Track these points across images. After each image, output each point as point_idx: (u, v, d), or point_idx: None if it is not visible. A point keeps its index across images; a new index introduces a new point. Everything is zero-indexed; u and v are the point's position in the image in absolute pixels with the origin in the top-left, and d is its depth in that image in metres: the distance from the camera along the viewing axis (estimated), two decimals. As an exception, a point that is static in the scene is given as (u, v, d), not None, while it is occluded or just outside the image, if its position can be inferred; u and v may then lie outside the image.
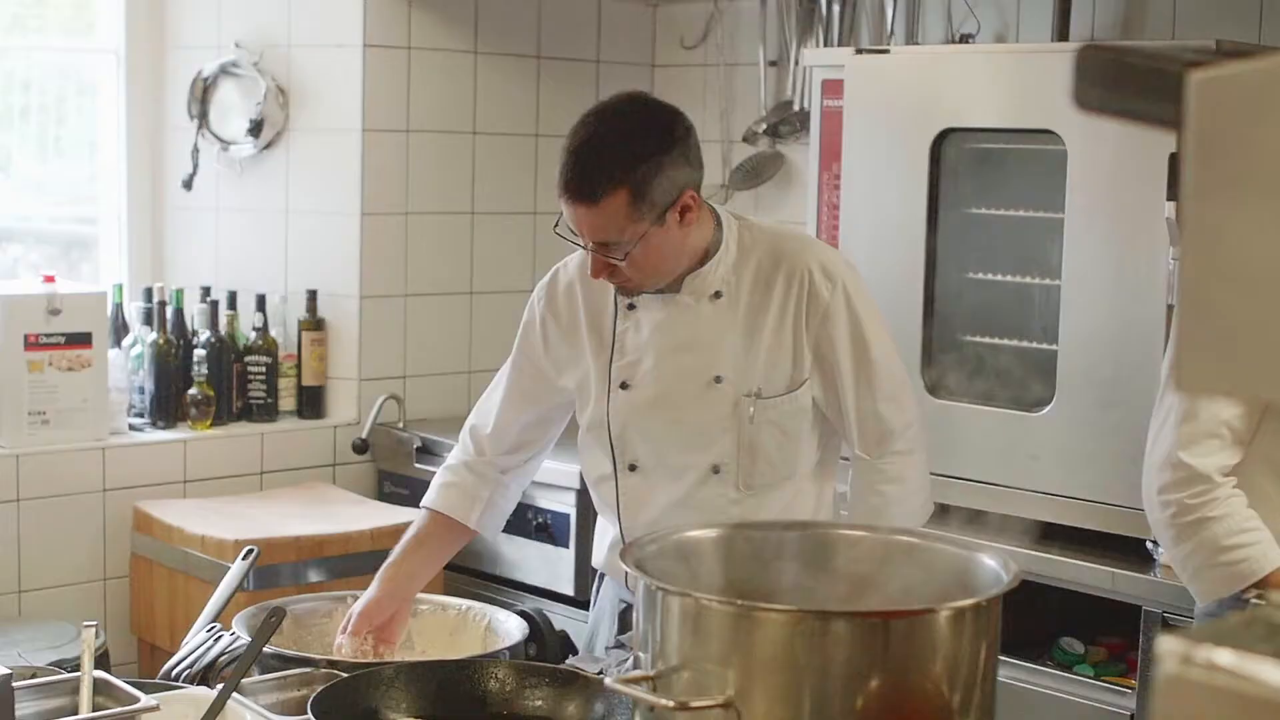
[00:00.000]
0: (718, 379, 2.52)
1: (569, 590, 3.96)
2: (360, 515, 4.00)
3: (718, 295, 2.52)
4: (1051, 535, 3.35)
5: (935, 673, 1.66)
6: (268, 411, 4.31)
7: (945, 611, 1.67)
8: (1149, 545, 3.17)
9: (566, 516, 3.94)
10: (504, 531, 4.06)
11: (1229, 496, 2.60)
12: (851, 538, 1.92)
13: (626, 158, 2.35)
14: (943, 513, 3.50)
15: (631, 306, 2.56)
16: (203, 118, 4.41)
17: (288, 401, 4.36)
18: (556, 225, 2.49)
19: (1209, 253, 0.82)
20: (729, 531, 1.93)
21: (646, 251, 2.39)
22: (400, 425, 4.36)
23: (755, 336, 2.52)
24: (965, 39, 4.01)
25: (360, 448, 4.32)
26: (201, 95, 4.41)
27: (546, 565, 4.02)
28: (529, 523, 4.03)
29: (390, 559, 2.72)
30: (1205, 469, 2.60)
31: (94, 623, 2.33)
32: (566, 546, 3.96)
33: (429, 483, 2.84)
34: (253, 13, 4.39)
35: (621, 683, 1.68)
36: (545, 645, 3.97)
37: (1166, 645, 0.84)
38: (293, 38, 4.35)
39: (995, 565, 1.79)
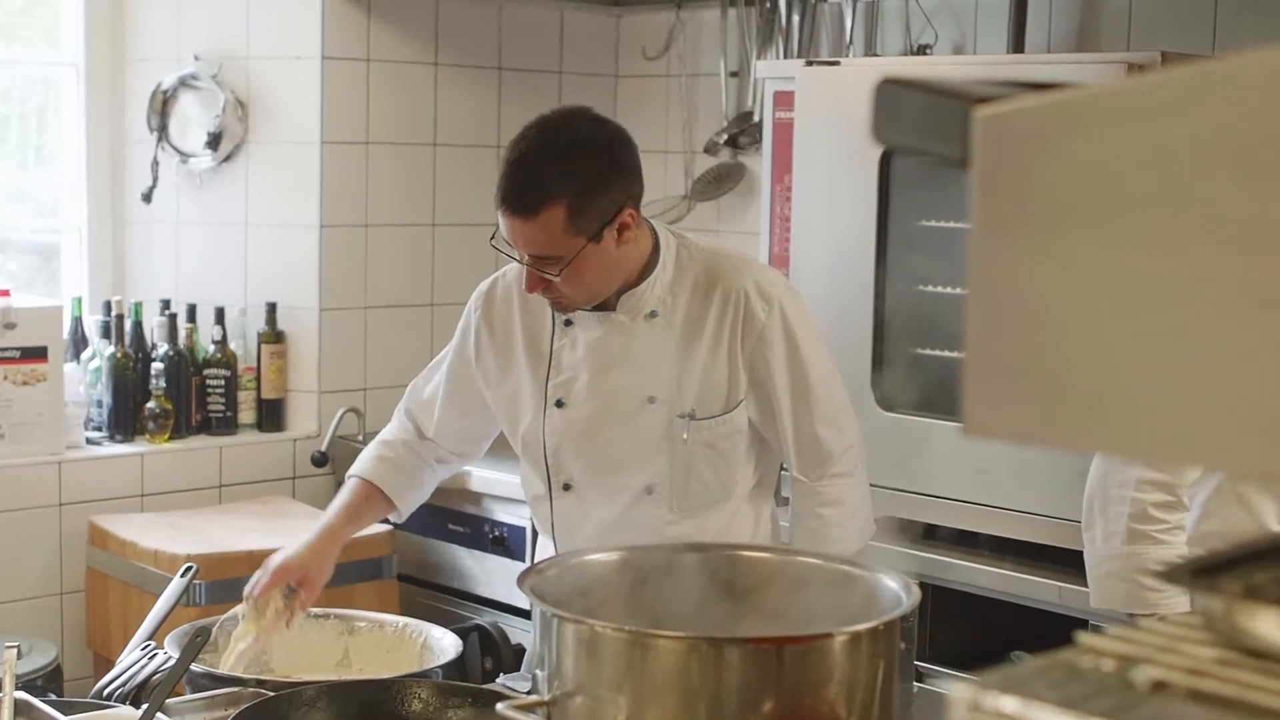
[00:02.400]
0: (651, 399, 2.50)
1: (526, 603, 3.94)
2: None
3: (653, 314, 2.49)
4: (1003, 549, 3.34)
5: (831, 697, 1.64)
6: (227, 425, 4.29)
7: (841, 636, 1.65)
8: (1085, 553, 3.16)
9: (523, 530, 3.93)
10: (461, 545, 4.11)
11: (1176, 527, 2.59)
12: (755, 560, 1.91)
13: (565, 172, 2.34)
14: (894, 527, 3.50)
15: (569, 323, 2.54)
16: (162, 130, 4.40)
17: (247, 415, 4.35)
18: (493, 237, 2.48)
19: (993, 292, 0.81)
20: (631, 554, 1.92)
21: (582, 268, 2.37)
22: (360, 438, 4.35)
23: (690, 357, 2.49)
24: (923, 50, 4.00)
25: (319, 460, 4.31)
26: (161, 108, 4.40)
27: (505, 578, 4.01)
28: (486, 535, 4.02)
29: (329, 521, 2.70)
30: (1178, 484, 2.59)
31: (15, 643, 2.32)
32: (523, 559, 3.95)
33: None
34: (211, 25, 4.38)
35: (514, 709, 1.66)
36: (501, 659, 3.97)
37: (957, 692, 0.83)
38: (251, 50, 4.34)
39: (897, 587, 1.77)
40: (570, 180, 2.33)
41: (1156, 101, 0.75)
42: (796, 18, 4.24)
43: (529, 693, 2.39)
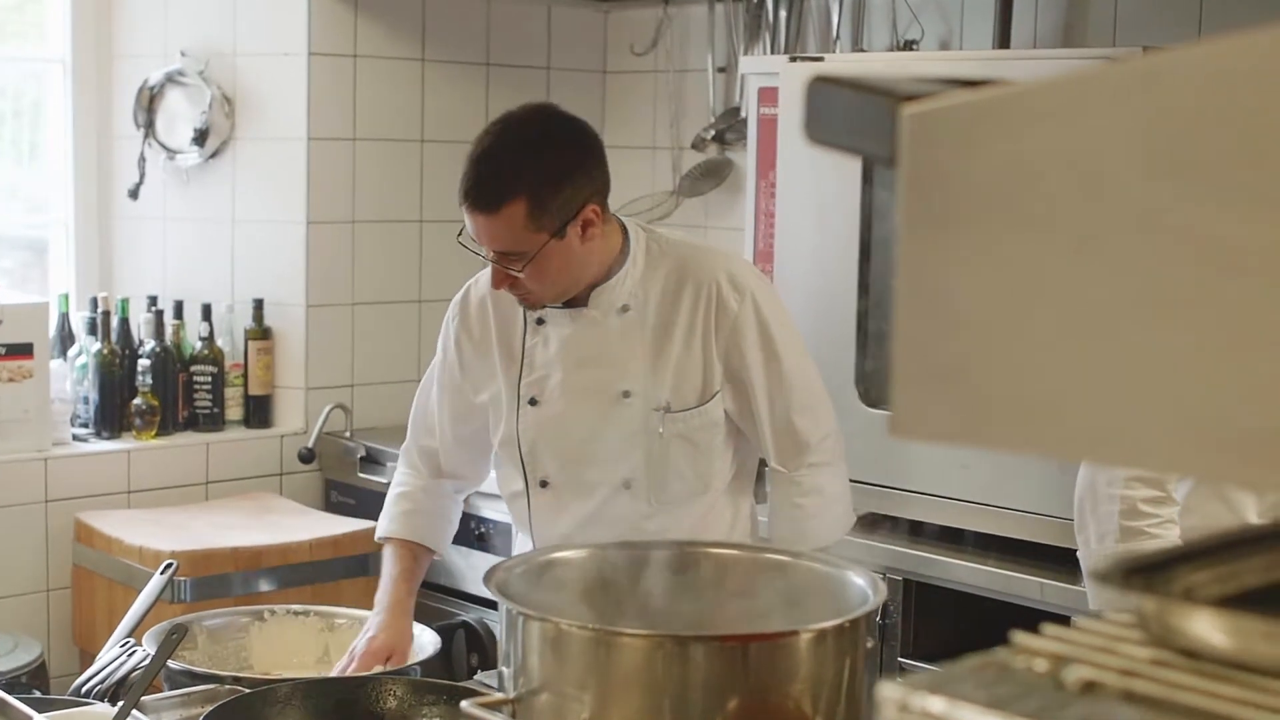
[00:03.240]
0: (626, 393, 2.50)
1: (511, 600, 3.93)
2: (302, 525, 3.99)
3: (625, 309, 2.49)
4: (987, 545, 3.34)
5: (796, 694, 1.64)
6: (214, 421, 4.29)
7: (806, 634, 1.65)
8: (1079, 555, 3.15)
9: (508, 526, 3.91)
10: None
11: (1168, 521, 2.58)
12: (724, 557, 1.91)
13: (526, 169, 2.34)
14: (876, 522, 3.50)
15: (541, 322, 2.54)
16: (149, 127, 4.40)
17: (234, 411, 4.34)
18: (460, 234, 2.48)
19: (921, 291, 0.80)
20: (599, 552, 1.92)
21: (546, 264, 2.38)
22: (347, 434, 4.35)
23: (664, 349, 2.50)
24: (909, 45, 3.99)
25: (306, 457, 4.30)
26: (148, 104, 4.39)
27: (491, 575, 4.00)
28: (471, 532, 4.02)
29: (394, 595, 2.65)
30: (1166, 478, 2.58)
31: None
32: (509, 555, 3.94)
33: (375, 491, 2.83)
34: (198, 21, 4.37)
35: (478, 707, 1.66)
36: (486, 655, 3.96)
37: (885, 692, 0.83)
38: (238, 46, 4.33)
39: (864, 584, 1.77)
40: (531, 177, 2.33)
41: (1079, 99, 0.75)
42: (783, 13, 4.23)
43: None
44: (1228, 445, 0.73)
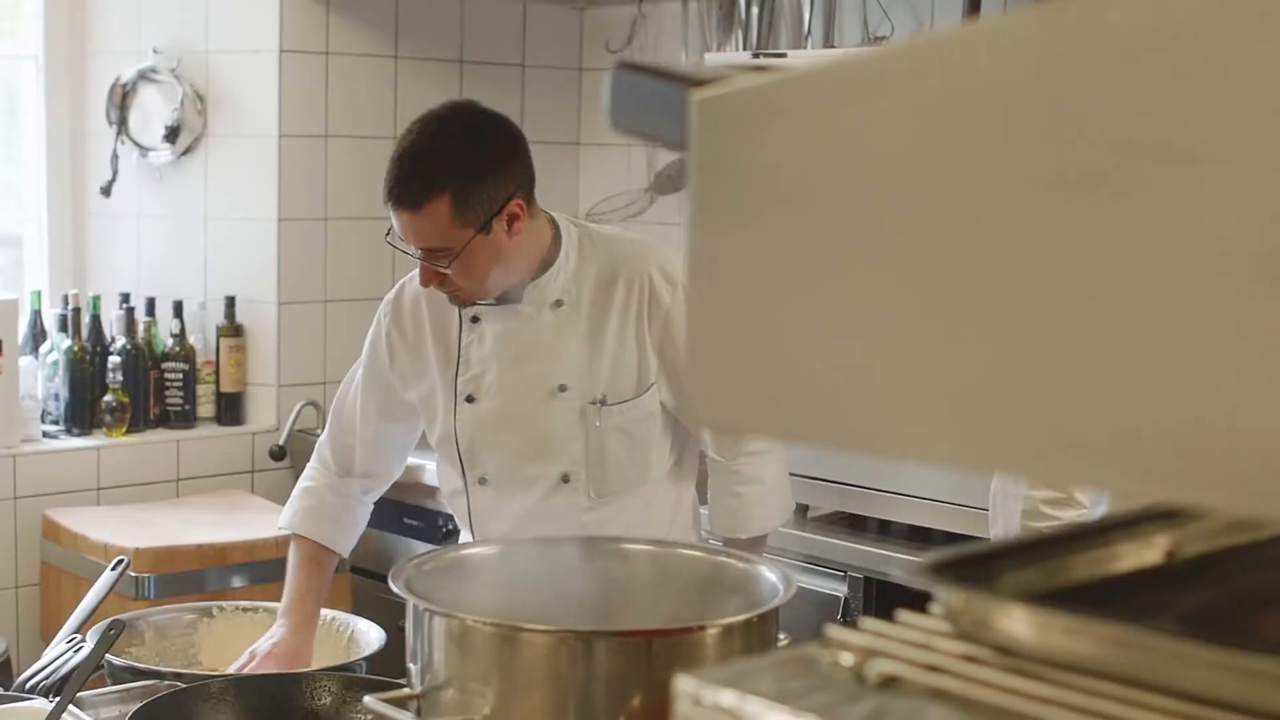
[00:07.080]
0: (562, 387, 2.50)
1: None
2: (271, 523, 3.94)
3: (559, 304, 2.50)
4: (953, 545, 3.32)
5: (702, 692, 1.63)
6: (185, 418, 4.29)
7: (711, 629, 1.64)
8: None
9: (476, 524, 3.92)
10: (416, 538, 4.10)
11: (1069, 523, 2.56)
12: (638, 553, 1.89)
13: (448, 164, 2.35)
14: (842, 520, 3.49)
15: (476, 319, 2.54)
16: (122, 124, 4.39)
17: (206, 408, 4.34)
18: (389, 234, 2.49)
19: (710, 278, 0.79)
20: (510, 548, 1.91)
21: (473, 260, 2.38)
22: (319, 432, 4.33)
23: (598, 343, 2.50)
24: (879, 41, 3.98)
25: (278, 454, 4.30)
26: (120, 101, 4.39)
27: (460, 572, 3.99)
28: (440, 529, 4.01)
29: (299, 616, 2.64)
30: None
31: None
32: (477, 554, 3.94)
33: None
34: (171, 19, 4.37)
35: (383, 701, 1.65)
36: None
37: (681, 685, 0.82)
38: (210, 43, 4.33)
39: (775, 579, 1.76)
40: (453, 172, 2.34)
41: (856, 83, 0.74)
42: (755, 10, 4.22)
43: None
44: (1005, 437, 0.72)
